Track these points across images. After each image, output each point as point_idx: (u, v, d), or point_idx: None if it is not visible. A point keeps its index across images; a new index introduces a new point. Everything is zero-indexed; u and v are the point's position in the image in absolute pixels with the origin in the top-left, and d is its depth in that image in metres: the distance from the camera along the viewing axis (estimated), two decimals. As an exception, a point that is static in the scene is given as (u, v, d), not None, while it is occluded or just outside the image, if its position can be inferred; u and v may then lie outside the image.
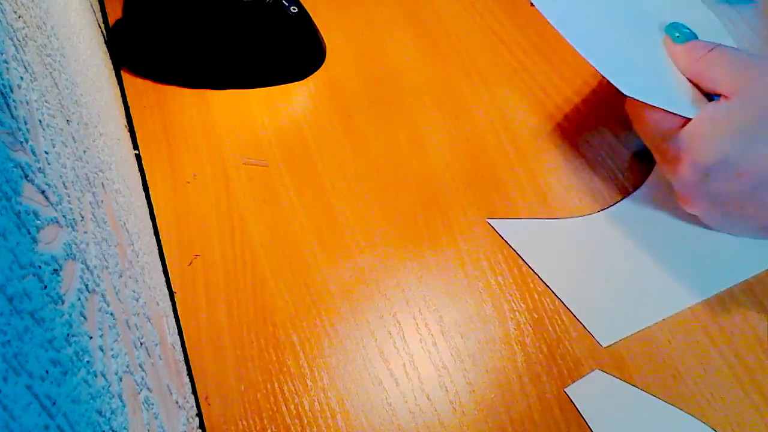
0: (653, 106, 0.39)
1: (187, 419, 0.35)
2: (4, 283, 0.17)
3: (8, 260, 0.18)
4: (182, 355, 0.40)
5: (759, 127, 0.36)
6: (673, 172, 0.39)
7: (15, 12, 0.26)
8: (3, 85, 0.21)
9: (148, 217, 0.45)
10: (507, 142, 0.49)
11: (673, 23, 0.42)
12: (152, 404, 0.28)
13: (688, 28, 0.41)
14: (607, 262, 0.42)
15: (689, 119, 0.38)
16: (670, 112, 0.38)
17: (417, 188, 0.46)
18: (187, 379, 0.39)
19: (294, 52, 0.52)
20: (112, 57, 0.54)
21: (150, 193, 0.47)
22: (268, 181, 0.47)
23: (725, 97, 0.37)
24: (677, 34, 0.41)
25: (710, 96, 0.40)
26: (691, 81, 0.40)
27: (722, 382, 0.38)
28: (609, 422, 0.37)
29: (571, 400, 0.38)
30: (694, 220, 0.42)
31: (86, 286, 0.24)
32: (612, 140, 0.49)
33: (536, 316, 0.41)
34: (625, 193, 0.46)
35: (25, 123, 0.22)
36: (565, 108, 0.51)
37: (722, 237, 0.42)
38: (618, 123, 0.50)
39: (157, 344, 0.33)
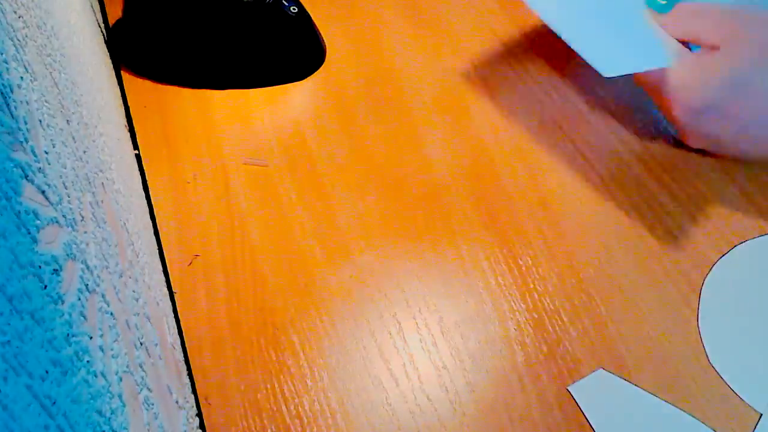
0: None
1: (187, 419, 0.35)
2: (4, 283, 0.17)
3: (8, 260, 0.18)
4: (182, 355, 0.40)
5: (743, 75, 0.40)
6: (668, 116, 0.45)
7: (15, 12, 0.26)
8: (3, 85, 0.21)
9: (148, 217, 0.45)
10: (506, 142, 0.49)
11: None
12: (152, 404, 0.28)
13: None
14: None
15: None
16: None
17: (417, 188, 0.46)
18: (187, 379, 0.39)
19: (294, 52, 0.52)
20: (112, 57, 0.54)
21: (150, 193, 0.47)
22: (268, 181, 0.47)
23: (713, 48, 0.41)
24: (661, 2, 0.45)
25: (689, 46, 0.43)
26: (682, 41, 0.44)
27: (722, 382, 0.38)
28: (610, 421, 0.37)
29: (572, 399, 0.38)
30: None
31: (86, 286, 0.24)
32: (612, 139, 0.49)
33: (536, 316, 0.41)
34: (627, 194, 0.46)
35: (25, 123, 0.22)
36: (564, 106, 0.51)
37: None
38: (618, 122, 0.50)
39: (157, 344, 0.33)
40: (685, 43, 0.45)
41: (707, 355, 0.39)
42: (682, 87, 0.42)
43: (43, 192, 0.22)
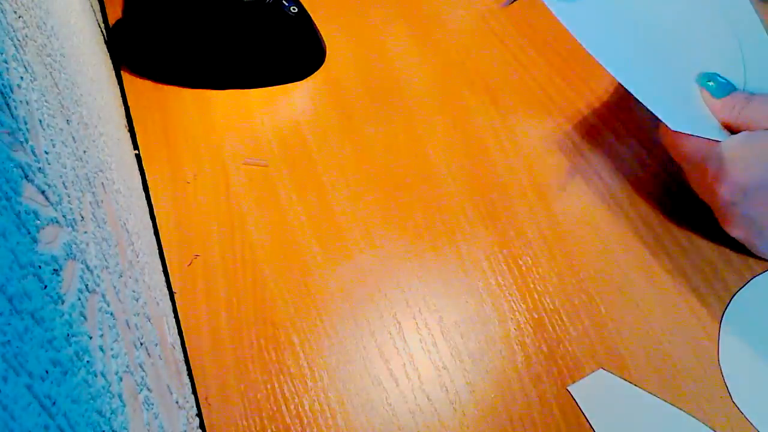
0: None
1: (187, 419, 0.35)
2: (4, 283, 0.17)
3: (8, 260, 0.18)
4: (182, 355, 0.40)
5: None
6: (710, 193, 0.40)
7: (15, 12, 0.26)
8: (3, 85, 0.21)
9: (148, 217, 0.45)
10: (506, 141, 0.49)
11: (707, 73, 0.42)
12: (152, 404, 0.28)
13: (723, 78, 0.41)
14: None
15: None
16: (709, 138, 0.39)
17: (417, 188, 0.46)
18: (187, 379, 0.39)
19: (294, 52, 0.52)
20: (112, 57, 0.54)
21: (150, 193, 0.47)
22: (268, 181, 0.47)
23: None
24: (711, 83, 0.41)
25: None
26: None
27: (722, 382, 0.38)
28: (610, 421, 0.37)
29: (572, 399, 0.38)
30: None
31: (86, 286, 0.24)
32: (611, 138, 0.49)
33: (536, 316, 0.41)
34: (627, 194, 0.46)
35: (25, 123, 0.22)
36: (564, 106, 0.51)
37: None
38: (618, 122, 0.50)
39: (157, 344, 0.33)
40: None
41: (719, 362, 0.39)
42: (733, 160, 0.38)
43: (43, 192, 0.22)
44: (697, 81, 0.42)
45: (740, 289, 0.41)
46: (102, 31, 0.54)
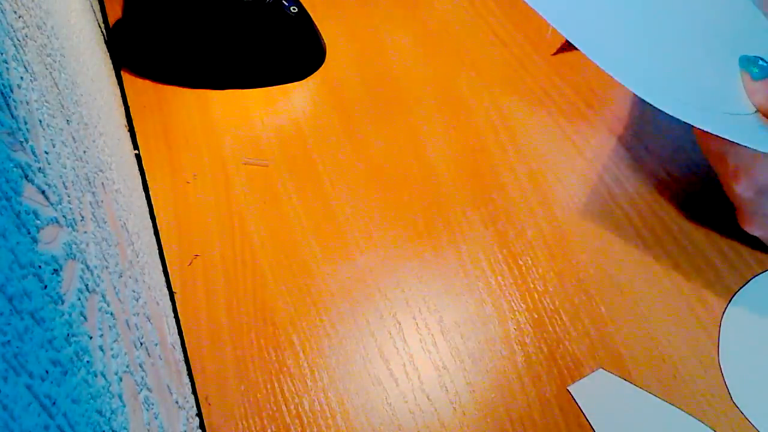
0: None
1: (187, 419, 0.35)
2: (4, 283, 0.17)
3: (8, 260, 0.18)
4: (182, 355, 0.40)
5: None
6: (729, 187, 0.39)
7: (15, 12, 0.26)
8: (3, 85, 0.21)
9: (148, 217, 0.45)
10: (507, 142, 0.49)
11: (748, 57, 0.40)
12: (152, 404, 0.28)
13: (766, 62, 0.40)
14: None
15: None
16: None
17: (417, 188, 0.46)
18: (187, 379, 0.39)
19: (294, 52, 0.52)
20: (112, 57, 0.54)
21: (150, 193, 0.47)
22: (268, 181, 0.47)
23: None
24: (753, 67, 0.40)
25: None
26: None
27: (722, 382, 0.38)
28: (610, 421, 0.37)
29: (572, 399, 0.38)
30: None
31: (86, 286, 0.24)
32: (611, 139, 0.49)
33: (536, 316, 0.41)
34: (626, 194, 0.46)
35: (25, 123, 0.22)
36: (564, 107, 0.51)
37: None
38: (618, 122, 0.50)
39: (157, 344, 0.33)
40: None
41: (719, 363, 0.39)
42: (752, 157, 0.37)
43: (43, 192, 0.22)
44: (739, 65, 0.40)
45: (740, 289, 0.41)
46: (102, 31, 0.54)
